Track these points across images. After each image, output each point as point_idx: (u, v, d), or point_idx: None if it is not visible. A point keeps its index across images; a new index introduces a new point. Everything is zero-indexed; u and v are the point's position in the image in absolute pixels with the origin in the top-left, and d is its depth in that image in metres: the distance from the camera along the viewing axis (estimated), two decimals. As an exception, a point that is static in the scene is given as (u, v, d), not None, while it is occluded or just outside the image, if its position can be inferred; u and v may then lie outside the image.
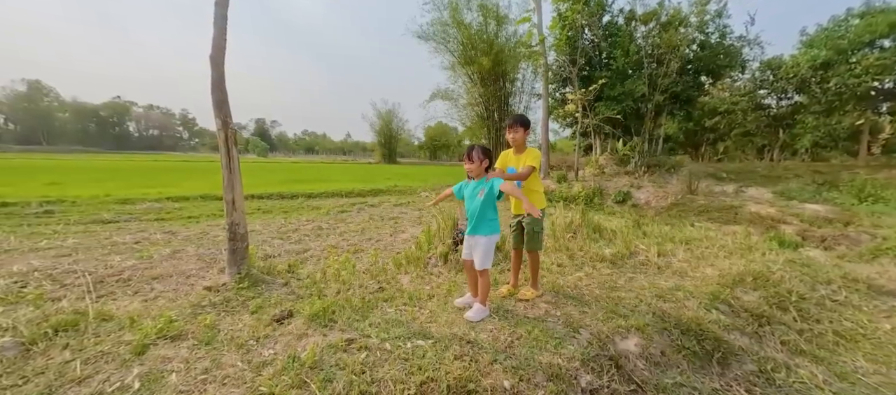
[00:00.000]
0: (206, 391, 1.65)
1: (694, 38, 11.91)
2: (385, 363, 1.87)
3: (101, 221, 7.15)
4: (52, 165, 21.59)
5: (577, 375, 1.98)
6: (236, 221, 3.02)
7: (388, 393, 1.64)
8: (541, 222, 2.74)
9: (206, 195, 10.69)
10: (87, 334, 2.16)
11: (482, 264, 2.43)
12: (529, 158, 2.69)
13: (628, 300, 2.80)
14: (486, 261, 2.44)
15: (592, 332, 2.33)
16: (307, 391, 1.62)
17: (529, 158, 2.69)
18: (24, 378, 1.75)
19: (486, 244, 2.42)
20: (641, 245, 4.05)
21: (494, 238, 2.45)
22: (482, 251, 2.42)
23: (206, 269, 4.05)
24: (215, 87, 2.94)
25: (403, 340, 2.12)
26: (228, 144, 3.00)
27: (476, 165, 2.40)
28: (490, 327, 2.35)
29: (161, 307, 2.58)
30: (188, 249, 5.03)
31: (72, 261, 4.33)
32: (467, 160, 2.44)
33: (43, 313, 2.40)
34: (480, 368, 1.89)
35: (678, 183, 10.87)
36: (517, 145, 2.75)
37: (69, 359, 1.88)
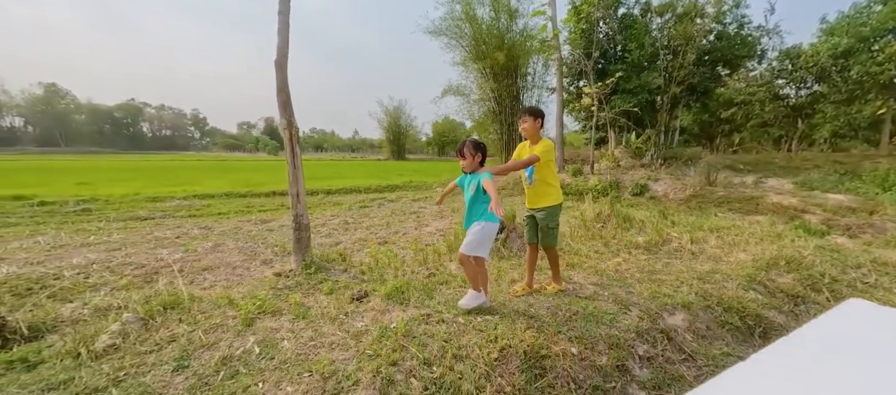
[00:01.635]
0: (319, 354, 1.91)
1: (711, 29, 11.86)
2: (464, 333, 2.11)
3: (138, 218, 7.54)
4: (75, 166, 22.29)
5: (634, 344, 2.20)
6: (300, 212, 3.29)
7: (476, 357, 1.88)
8: (555, 217, 2.65)
9: (230, 193, 11.09)
10: (193, 311, 2.44)
11: (467, 248, 2.30)
12: (537, 148, 2.55)
13: (669, 282, 3.00)
14: (478, 248, 2.31)
15: (642, 309, 2.54)
16: (407, 353, 1.87)
17: (538, 147, 2.55)
18: (158, 345, 2.04)
19: (479, 231, 2.31)
20: (673, 233, 4.23)
21: (490, 225, 2.32)
22: (475, 237, 2.30)
23: (249, 261, 4.34)
24: (280, 89, 3.19)
25: (473, 315, 2.36)
26: (292, 142, 3.26)
27: (469, 161, 2.34)
28: (546, 305, 2.58)
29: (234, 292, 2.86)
30: (228, 243, 5.32)
31: (123, 254, 4.66)
32: (460, 156, 2.39)
33: (145, 295, 2.70)
34: (548, 337, 2.12)
35: (696, 175, 10.91)
36: (530, 136, 2.63)
37: (190, 330, 2.16)
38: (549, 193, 2.63)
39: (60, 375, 1.73)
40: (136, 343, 2.07)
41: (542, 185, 2.62)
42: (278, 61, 3.18)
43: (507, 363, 1.90)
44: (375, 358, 1.82)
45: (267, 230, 6.13)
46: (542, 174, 2.61)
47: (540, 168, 2.59)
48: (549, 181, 2.63)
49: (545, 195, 2.63)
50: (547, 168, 2.59)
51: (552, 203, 2.63)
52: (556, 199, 2.64)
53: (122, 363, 1.85)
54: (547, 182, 2.62)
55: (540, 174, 2.61)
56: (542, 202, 2.65)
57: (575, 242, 4.24)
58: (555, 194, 2.64)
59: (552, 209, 2.64)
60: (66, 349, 1.99)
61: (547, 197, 2.63)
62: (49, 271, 3.88)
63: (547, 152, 2.51)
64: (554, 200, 2.64)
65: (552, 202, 2.63)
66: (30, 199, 8.76)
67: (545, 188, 2.63)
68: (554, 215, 2.64)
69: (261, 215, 7.89)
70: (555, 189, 2.64)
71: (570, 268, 3.39)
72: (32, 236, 5.56)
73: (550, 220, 2.63)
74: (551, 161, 2.59)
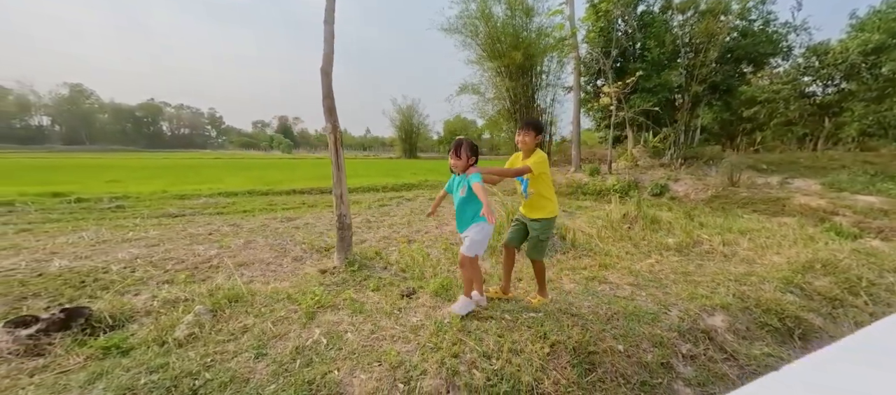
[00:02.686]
0: (382, 345, 2.06)
1: (735, 26, 11.64)
2: (515, 329, 2.23)
3: (170, 215, 7.86)
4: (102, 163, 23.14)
5: (677, 343, 2.29)
6: (344, 212, 3.45)
7: (530, 352, 2.00)
8: (548, 230, 2.61)
9: (252, 191, 11.43)
10: (256, 304, 2.62)
11: (468, 249, 2.30)
12: (531, 160, 2.50)
13: (705, 284, 3.06)
14: (472, 247, 2.31)
15: (681, 309, 2.62)
16: (466, 346, 2.01)
17: (531, 159, 2.50)
18: (233, 335, 2.22)
19: (478, 231, 2.29)
20: (703, 235, 4.26)
21: (485, 226, 2.28)
22: (475, 237, 2.29)
23: (281, 257, 4.51)
24: (326, 95, 3.35)
25: (517, 312, 2.48)
26: (337, 145, 3.43)
27: (462, 162, 2.29)
28: (587, 304, 2.68)
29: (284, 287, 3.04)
30: (258, 240, 5.53)
31: (163, 250, 4.89)
32: (454, 155, 2.31)
33: (209, 289, 2.90)
34: (595, 334, 2.23)
35: (718, 175, 10.76)
36: (526, 148, 2.55)
37: (259, 322, 2.34)
38: (545, 206, 2.58)
39: (156, 360, 1.92)
40: (211, 333, 2.26)
41: (538, 197, 2.58)
42: (324, 68, 3.35)
43: (559, 358, 2.02)
44: (437, 350, 1.96)
45: (293, 228, 6.32)
46: (538, 187, 2.56)
47: (535, 182, 2.54)
48: (545, 194, 2.57)
49: (541, 208, 2.59)
50: (542, 180, 2.54)
51: (548, 216, 2.59)
52: (551, 212, 2.60)
53: (205, 350, 2.03)
54: (542, 195, 2.57)
55: (535, 187, 2.56)
56: (537, 213, 2.60)
57: (603, 243, 4.31)
58: (550, 207, 2.59)
59: (547, 223, 2.59)
60: (151, 337, 2.19)
61: (543, 209, 2.58)
62: (97, 265, 4.14)
63: (540, 165, 2.47)
64: (549, 212, 2.59)
65: (548, 215, 2.59)
66: (67, 196, 9.20)
67: (541, 201, 2.58)
68: (547, 228, 2.60)
69: (285, 213, 8.13)
70: (551, 202, 2.59)
71: (604, 268, 3.47)
72: (75, 231, 5.87)
73: (542, 232, 2.59)
74: (546, 174, 2.53)
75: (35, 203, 8.21)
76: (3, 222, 6.51)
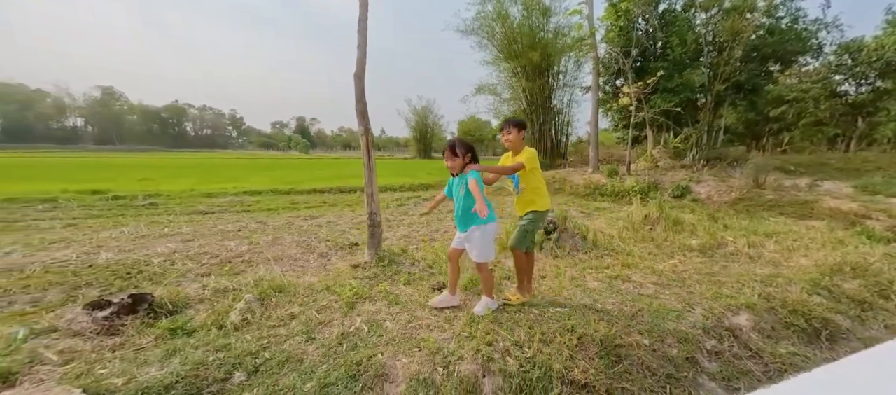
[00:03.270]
0: (420, 333, 2.22)
1: (762, 23, 11.32)
2: (543, 322, 2.35)
3: (200, 212, 8.26)
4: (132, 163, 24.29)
5: (702, 339, 2.36)
6: (374, 210, 3.64)
7: (559, 342, 2.12)
8: (537, 223, 2.65)
9: (275, 190, 11.85)
10: (299, 294, 2.83)
11: (480, 256, 2.34)
12: (522, 156, 2.55)
13: (730, 284, 3.10)
14: (484, 254, 2.33)
15: (705, 308, 2.68)
16: (499, 336, 2.15)
17: (522, 155, 2.55)
18: (282, 321, 2.42)
19: (481, 236, 2.32)
20: (728, 237, 4.25)
21: (490, 227, 2.32)
22: (478, 244, 2.32)
23: (307, 254, 4.71)
24: (358, 99, 3.55)
25: (544, 307, 2.60)
26: (368, 147, 3.61)
27: (459, 161, 2.31)
28: (611, 301, 2.77)
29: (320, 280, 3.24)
30: (285, 236, 5.77)
31: (198, 245, 5.18)
32: (450, 155, 2.32)
33: (253, 280, 3.13)
34: (620, 329, 2.32)
35: (742, 177, 10.51)
36: (514, 147, 2.62)
37: (304, 310, 2.54)
38: (536, 201, 2.63)
39: (219, 340, 2.14)
40: (262, 319, 2.47)
41: (529, 192, 2.63)
42: (357, 74, 3.54)
43: (587, 349, 2.13)
44: (472, 339, 2.10)
45: (316, 226, 6.57)
46: (529, 183, 2.61)
47: (526, 177, 2.58)
48: (537, 189, 2.63)
49: (531, 202, 2.64)
50: (533, 176, 2.59)
51: (540, 208, 2.63)
52: (542, 205, 2.64)
53: (260, 334, 2.23)
54: (534, 189, 2.62)
55: (526, 183, 2.61)
56: (528, 208, 2.65)
57: (625, 243, 4.36)
58: (541, 201, 2.63)
59: (537, 215, 2.64)
60: (210, 321, 2.42)
61: (533, 203, 2.63)
62: (140, 258, 4.45)
63: (531, 160, 2.52)
64: (540, 206, 2.63)
65: (540, 208, 2.63)
66: (104, 193, 9.79)
67: (532, 195, 2.63)
68: (535, 220, 2.63)
69: (307, 211, 8.43)
70: (541, 196, 2.64)
71: (627, 268, 3.54)
72: (116, 227, 6.27)
73: (530, 224, 2.62)
74: (536, 169, 2.58)
75: (76, 200, 8.78)
76: (50, 217, 7.03)
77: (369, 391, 1.76)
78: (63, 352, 2.01)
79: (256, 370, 1.87)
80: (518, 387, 1.84)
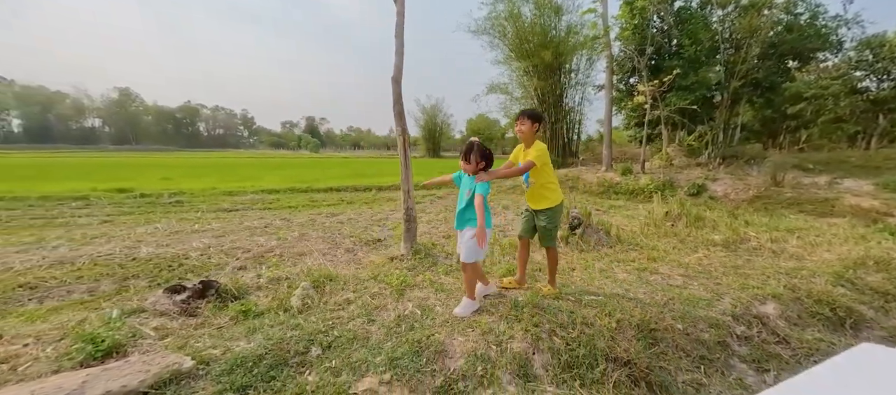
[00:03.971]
0: (470, 316, 2.43)
1: (779, 20, 11.23)
2: (582, 307, 2.54)
3: (224, 209, 8.58)
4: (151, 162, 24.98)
5: (732, 326, 2.52)
6: (410, 206, 3.86)
7: (600, 325, 2.31)
8: (555, 219, 2.69)
9: (293, 189, 12.18)
10: (348, 282, 3.06)
11: (467, 257, 2.39)
12: (532, 153, 2.57)
13: (755, 276, 3.23)
14: (472, 254, 2.37)
15: (733, 297, 2.83)
16: (543, 318, 2.34)
17: (532, 152, 2.57)
18: (339, 305, 2.65)
19: (469, 238, 2.36)
20: (750, 232, 4.37)
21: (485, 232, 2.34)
22: (467, 244, 2.37)
23: (334, 249, 4.92)
24: (396, 102, 3.76)
25: (579, 295, 2.78)
26: (405, 146, 3.83)
27: (472, 167, 2.37)
28: (643, 291, 2.94)
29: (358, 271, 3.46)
30: (310, 233, 6.01)
31: (229, 241, 5.44)
32: (464, 160, 2.39)
33: (302, 270, 3.38)
34: (654, 314, 2.50)
35: (760, 175, 10.48)
36: (526, 139, 2.65)
37: (358, 297, 2.77)
38: (548, 196, 2.66)
39: (290, 320, 2.37)
40: (321, 304, 2.70)
41: (540, 188, 2.66)
42: (394, 78, 3.76)
43: (625, 332, 2.31)
44: (520, 321, 2.30)
45: (338, 223, 6.79)
46: (540, 178, 2.63)
47: (537, 172, 2.60)
48: (547, 184, 2.66)
49: (544, 197, 2.67)
50: (544, 172, 2.61)
51: (552, 204, 2.66)
52: (555, 200, 2.67)
53: (324, 316, 2.46)
54: (544, 185, 2.65)
55: (537, 178, 2.63)
56: (542, 204, 2.69)
57: (648, 238, 4.50)
58: (553, 196, 2.67)
59: (553, 211, 2.68)
60: (275, 305, 2.66)
61: (546, 198, 2.66)
62: (178, 252, 4.73)
63: (541, 156, 2.55)
64: (553, 201, 2.66)
65: (552, 204, 2.66)
66: (131, 191, 10.20)
67: (544, 190, 2.66)
68: (554, 217, 2.68)
69: (327, 209, 8.70)
70: (553, 191, 2.67)
71: (653, 261, 3.70)
72: (148, 223, 6.57)
73: (550, 221, 2.66)
74: (547, 164, 2.60)
75: (106, 198, 9.19)
76: (86, 214, 7.41)
77: (432, 364, 1.97)
78: (157, 329, 2.27)
79: (329, 346, 2.10)
80: (566, 363, 2.03)
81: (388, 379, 1.84)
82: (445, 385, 1.86)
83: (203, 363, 1.81)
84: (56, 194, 9.21)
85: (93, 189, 10.23)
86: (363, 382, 1.82)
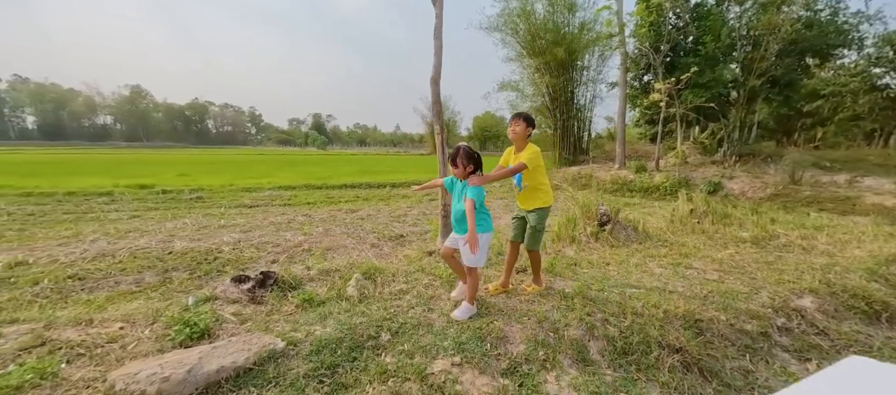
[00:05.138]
0: (522, 306, 2.57)
1: (799, 17, 11.13)
2: (629, 299, 2.66)
3: (245, 205, 8.79)
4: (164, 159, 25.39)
5: (772, 317, 2.63)
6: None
7: (649, 315, 2.43)
8: (543, 220, 2.69)
9: (309, 185, 12.39)
10: (397, 274, 3.21)
11: (470, 261, 2.35)
12: (524, 155, 2.55)
13: (789, 271, 3.33)
14: (476, 260, 2.33)
15: (770, 292, 2.93)
16: (596, 306, 2.48)
17: (524, 155, 2.56)
18: (395, 295, 2.81)
19: (464, 243, 2.30)
20: (779, 229, 4.45)
21: (484, 237, 2.36)
22: (465, 249, 2.32)
23: (360, 244, 5.08)
24: (435, 102, 3.91)
25: (621, 288, 2.91)
26: (443, 144, 3.97)
27: (460, 171, 2.36)
28: (680, 285, 3.05)
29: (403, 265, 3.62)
30: (334, 228, 6.18)
31: (258, 236, 5.61)
32: (452, 165, 2.38)
33: (349, 263, 3.54)
34: (697, 306, 2.62)
35: (777, 173, 10.46)
36: (518, 141, 2.62)
37: (410, 287, 2.92)
38: (538, 197, 2.66)
39: (354, 308, 2.53)
40: (376, 294, 2.86)
41: (532, 190, 2.66)
42: (433, 78, 3.89)
43: (672, 322, 2.43)
44: (572, 311, 2.44)
45: (358, 219, 6.95)
46: (532, 181, 2.63)
47: (529, 175, 2.59)
48: (538, 186, 2.66)
49: (535, 199, 2.68)
50: (536, 174, 2.60)
51: (542, 205, 2.67)
52: (545, 201, 2.67)
53: (384, 305, 2.62)
54: (536, 187, 2.65)
55: (529, 181, 2.63)
56: (533, 204, 2.69)
57: (675, 235, 4.61)
58: (544, 197, 2.67)
59: (542, 212, 2.68)
60: (333, 295, 2.82)
61: (538, 199, 2.67)
62: (211, 246, 4.92)
63: (534, 159, 2.53)
64: (544, 201, 2.67)
65: (542, 204, 2.67)
66: (152, 187, 10.47)
67: (534, 193, 2.66)
68: (542, 217, 2.68)
69: (346, 206, 8.88)
70: (544, 192, 2.67)
71: (685, 257, 3.81)
72: (175, 218, 6.78)
73: (538, 222, 2.67)
74: (539, 166, 2.59)
75: (129, 193, 9.45)
76: (114, 209, 7.66)
77: (496, 349, 2.12)
78: (235, 315, 2.44)
79: (397, 332, 2.25)
80: (621, 349, 2.16)
81: (458, 362, 1.99)
82: (511, 368, 2.00)
83: (292, 345, 1.98)
84: (81, 190, 9.49)
85: (115, 185, 10.52)
86: (437, 363, 1.97)
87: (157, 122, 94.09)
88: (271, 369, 1.79)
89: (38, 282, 3.35)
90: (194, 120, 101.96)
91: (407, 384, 1.79)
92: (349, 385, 1.77)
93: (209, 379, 1.60)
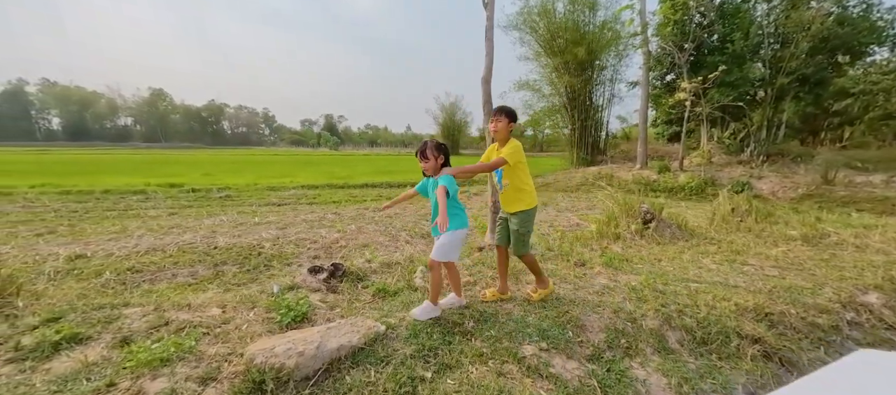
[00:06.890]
0: (593, 298, 2.65)
1: (830, 13, 10.91)
2: (697, 293, 2.73)
3: (274, 204, 9.02)
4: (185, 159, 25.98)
5: (840, 312, 2.66)
6: (496, 200, 4.11)
7: (723, 308, 2.50)
8: (527, 223, 2.53)
9: (331, 184, 12.63)
10: (460, 268, 3.32)
11: (437, 254, 2.23)
12: (505, 151, 2.41)
13: (848, 269, 3.34)
14: (449, 253, 2.26)
15: (833, 288, 2.96)
16: (667, 299, 2.55)
17: (505, 150, 2.42)
18: (462, 286, 2.92)
19: (448, 239, 2.21)
20: (829, 228, 4.43)
21: (457, 233, 2.26)
22: (446, 241, 2.22)
23: (393, 241, 5.20)
24: (486, 101, 4.02)
25: (682, 282, 2.97)
26: (493, 141, 4.08)
27: (431, 163, 2.24)
28: (741, 280, 3.10)
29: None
30: (366, 226, 6.30)
31: (294, 233, 5.75)
32: (422, 158, 2.27)
33: (406, 257, 3.67)
34: (764, 300, 2.67)
35: (808, 173, 10.28)
36: (500, 138, 2.48)
37: (476, 279, 3.03)
38: (522, 198, 2.50)
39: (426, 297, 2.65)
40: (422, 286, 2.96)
41: (513, 190, 2.51)
42: (484, 78, 4.01)
43: (743, 314, 2.49)
44: (646, 302, 2.52)
45: (387, 217, 7.05)
46: (513, 179, 2.48)
47: (510, 173, 2.46)
48: (521, 186, 2.49)
49: (517, 200, 2.52)
50: (517, 172, 2.45)
51: (525, 207, 2.51)
52: (529, 203, 2.52)
53: (455, 294, 2.73)
54: (518, 187, 2.49)
55: (510, 179, 2.48)
56: (514, 207, 2.53)
57: (719, 233, 4.62)
58: (528, 199, 2.51)
59: (525, 214, 2.52)
60: (402, 284, 2.95)
61: (519, 201, 2.51)
62: (252, 242, 5.08)
63: (515, 155, 2.39)
64: (527, 204, 2.51)
65: (525, 207, 2.51)
66: (181, 186, 10.81)
67: (517, 193, 2.50)
68: (526, 220, 2.52)
69: (372, 204, 9.04)
70: (528, 193, 2.51)
71: (737, 254, 3.83)
72: (210, 216, 7.00)
73: (522, 226, 2.51)
74: (521, 163, 2.45)
75: (161, 192, 9.78)
76: (151, 206, 7.96)
77: (578, 337, 2.22)
78: (322, 302, 2.59)
79: (480, 319, 2.37)
80: (701, 339, 2.24)
81: (545, 347, 2.10)
82: (595, 354, 2.10)
83: (390, 328, 2.11)
84: (116, 189, 9.87)
85: (147, 184, 10.90)
86: (525, 348, 2.07)
87: (175, 123, 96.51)
88: (380, 349, 1.92)
89: (101, 274, 3.52)
90: (210, 121, 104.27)
91: (506, 366, 1.90)
92: (452, 365, 1.89)
93: (332, 356, 1.74)
